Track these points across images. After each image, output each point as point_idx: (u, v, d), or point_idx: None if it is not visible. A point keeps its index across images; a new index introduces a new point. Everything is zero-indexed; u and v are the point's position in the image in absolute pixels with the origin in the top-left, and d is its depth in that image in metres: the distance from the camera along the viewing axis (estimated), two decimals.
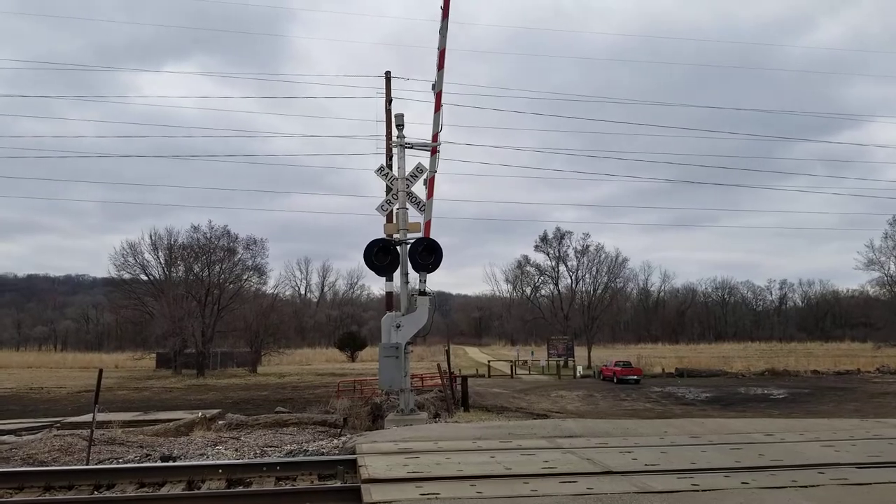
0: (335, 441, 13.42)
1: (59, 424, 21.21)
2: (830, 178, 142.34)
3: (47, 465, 12.95)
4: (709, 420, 16.74)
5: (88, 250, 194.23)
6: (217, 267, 66.39)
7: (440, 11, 18.71)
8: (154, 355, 69.85)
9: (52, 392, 42.54)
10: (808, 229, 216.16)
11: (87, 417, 18.99)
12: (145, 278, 69.42)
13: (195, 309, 61.75)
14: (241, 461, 11.27)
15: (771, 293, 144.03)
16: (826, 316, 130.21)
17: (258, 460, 11.60)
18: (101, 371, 15.28)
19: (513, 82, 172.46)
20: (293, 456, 11.91)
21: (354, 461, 9.43)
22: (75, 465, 12.85)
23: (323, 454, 11.51)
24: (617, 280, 79.24)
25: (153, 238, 69.28)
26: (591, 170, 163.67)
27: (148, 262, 69.28)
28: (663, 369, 55.30)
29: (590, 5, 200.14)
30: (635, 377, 46.31)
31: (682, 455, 9.45)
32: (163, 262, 69.09)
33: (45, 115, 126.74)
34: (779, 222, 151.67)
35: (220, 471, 9.51)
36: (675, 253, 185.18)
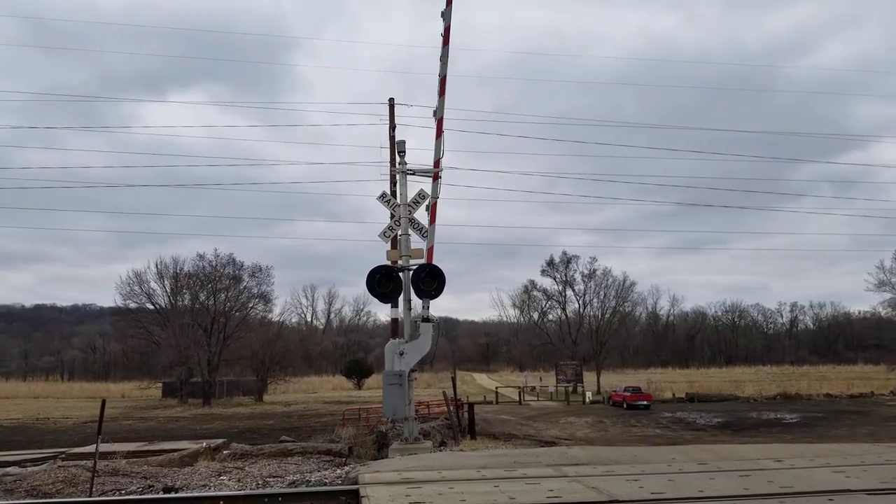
0: (339, 471, 13.27)
1: (63, 455, 21.07)
2: (838, 198, 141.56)
3: (51, 497, 12.85)
4: (717, 446, 16.49)
5: (94, 280, 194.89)
6: (223, 295, 66.42)
7: (441, 38, 18.84)
8: (160, 385, 69.72)
9: (58, 422, 42.42)
10: (818, 251, 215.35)
11: (92, 448, 18.85)
12: (151, 307, 69.41)
13: (201, 337, 61.71)
14: (242, 492, 11.14)
15: (782, 316, 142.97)
16: (838, 338, 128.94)
17: (260, 491, 11.45)
18: (104, 402, 15.19)
19: (517, 107, 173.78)
20: (295, 486, 11.77)
21: (357, 491, 9.31)
22: (79, 496, 12.76)
23: (325, 484, 11.37)
24: (625, 304, 78.66)
25: (159, 267, 69.49)
26: (597, 193, 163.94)
27: (154, 290, 69.36)
28: (674, 394, 54.76)
29: (592, 30, 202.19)
30: (645, 403, 45.86)
31: (690, 483, 9.27)
32: (168, 290, 69.11)
33: (51, 145, 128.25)
34: (788, 244, 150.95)
35: (222, 502, 9.41)
36: (684, 276, 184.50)
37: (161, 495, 11.75)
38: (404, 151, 19.50)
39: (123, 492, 13.57)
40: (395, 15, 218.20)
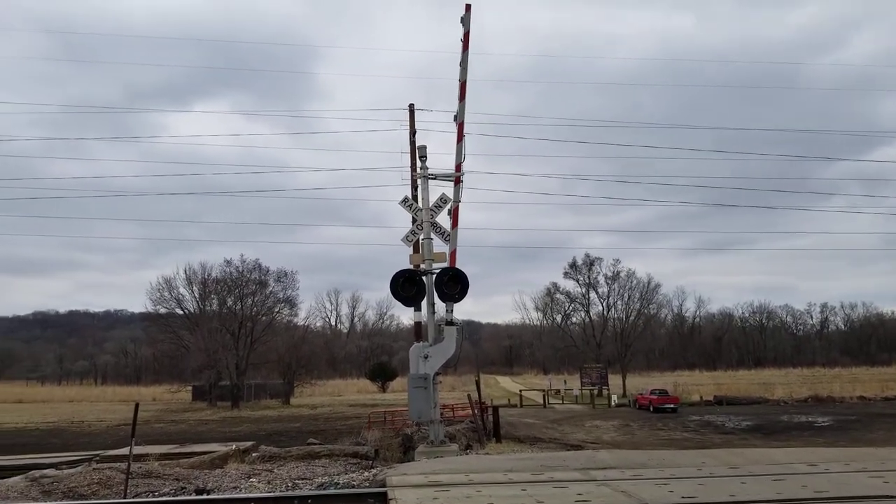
0: (366, 473, 13.35)
1: (98, 458, 21.41)
2: (868, 197, 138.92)
3: (87, 499, 13.11)
4: (748, 450, 16.30)
5: (125, 286, 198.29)
6: (249, 300, 67.21)
7: (461, 44, 18.91)
8: (190, 388, 70.63)
9: (93, 426, 43.16)
10: (848, 250, 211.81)
11: (125, 451, 19.14)
12: (181, 312, 70.47)
13: (229, 342, 62.42)
14: (272, 494, 11.27)
15: (811, 317, 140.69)
16: (871, 339, 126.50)
17: (290, 493, 11.57)
18: (137, 405, 15.43)
19: (537, 110, 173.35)
20: (324, 489, 11.86)
21: (385, 494, 9.36)
22: (113, 498, 13.00)
23: (353, 486, 11.45)
24: (650, 306, 77.96)
25: (188, 273, 70.50)
26: (619, 195, 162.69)
27: (183, 296, 70.43)
28: (701, 397, 54.10)
29: (612, 32, 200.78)
30: (672, 406, 45.37)
31: (721, 487, 9.19)
32: (197, 296, 70.10)
33: (82, 156, 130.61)
34: (817, 243, 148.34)
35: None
36: (710, 277, 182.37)
37: (194, 497, 11.92)
38: (425, 156, 19.57)
39: (157, 493, 13.78)
40: (413, 21, 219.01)
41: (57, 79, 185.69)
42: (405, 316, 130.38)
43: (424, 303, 18.68)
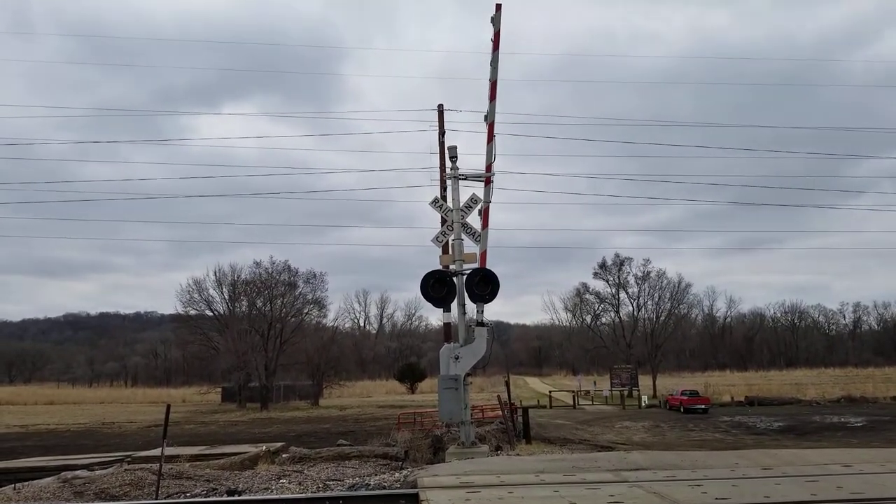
0: (396, 474, 13.39)
1: (129, 459, 21.73)
2: None
3: (118, 500, 13.29)
4: (781, 451, 16.04)
5: (155, 288, 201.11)
6: (279, 301, 67.73)
7: (491, 44, 18.89)
8: (219, 389, 71.45)
9: (123, 427, 43.85)
10: (881, 248, 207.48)
11: (156, 452, 19.44)
12: (210, 314, 71.21)
13: (258, 343, 63.00)
14: (304, 495, 11.35)
15: (844, 316, 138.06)
16: None
17: (321, 494, 11.64)
18: (168, 406, 15.67)
19: (566, 109, 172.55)
20: (355, 490, 11.92)
21: (416, 495, 9.38)
22: (145, 499, 13.15)
23: (385, 488, 11.48)
24: (680, 306, 77.08)
25: (217, 274, 71.26)
26: (649, 194, 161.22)
27: (212, 297, 71.16)
28: (732, 398, 53.41)
29: (641, 30, 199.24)
30: (703, 406, 44.86)
31: (755, 488, 9.06)
32: (227, 297, 70.83)
33: (112, 159, 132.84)
34: (849, 242, 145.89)
35: None
36: (741, 277, 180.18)
37: (225, 498, 12.05)
38: (456, 157, 19.54)
39: (188, 494, 13.92)
40: (440, 21, 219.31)
41: (86, 83, 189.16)
42: (434, 317, 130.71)
43: (455, 304, 18.67)
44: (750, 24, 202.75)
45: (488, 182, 19.06)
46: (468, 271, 18.29)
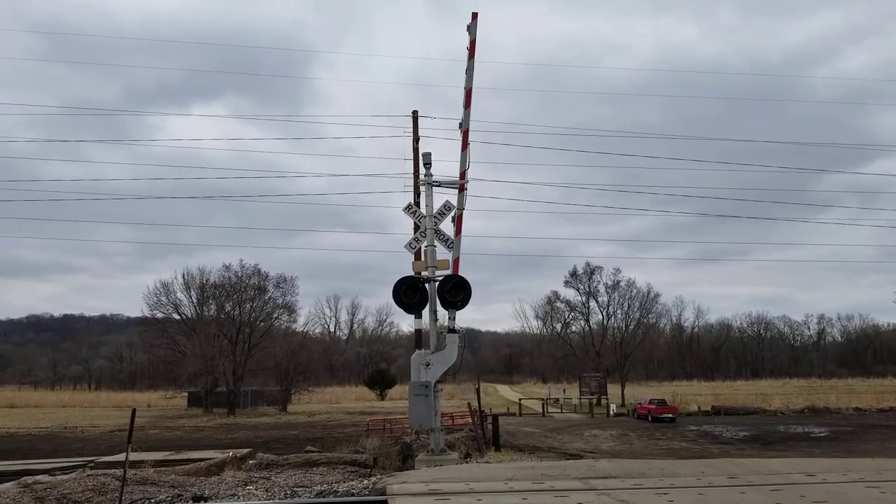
0: (365, 481, 13.31)
1: (92, 464, 21.31)
2: (865, 209, 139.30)
3: None
4: (747, 460, 16.27)
5: (121, 290, 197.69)
6: (248, 305, 66.89)
7: (466, 52, 18.97)
8: (186, 394, 70.33)
9: (86, 431, 42.96)
10: (845, 262, 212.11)
11: (120, 457, 19.08)
12: (178, 317, 70.12)
13: (226, 347, 62.20)
14: (271, 502, 11.23)
15: (809, 328, 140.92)
16: (867, 351, 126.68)
17: (288, 501, 11.54)
18: (134, 411, 15.40)
19: (536, 118, 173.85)
20: (323, 496, 11.83)
21: (385, 502, 9.34)
22: None
23: (353, 495, 11.41)
24: (649, 316, 77.85)
25: (186, 277, 70.19)
26: (619, 204, 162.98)
27: (180, 301, 70.01)
28: (699, 407, 54.09)
29: (611, 41, 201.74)
30: (670, 415, 45.35)
31: (721, 497, 9.18)
32: (195, 301, 69.81)
33: (76, 158, 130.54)
34: (814, 255, 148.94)
35: None
36: (708, 288, 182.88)
37: None
38: (430, 163, 19.57)
39: (153, 501, 13.70)
40: (412, 27, 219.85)
41: (50, 79, 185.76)
42: (405, 323, 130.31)
43: (426, 310, 18.66)
44: (719, 40, 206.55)
45: (462, 189, 19.10)
46: (440, 278, 18.31)
